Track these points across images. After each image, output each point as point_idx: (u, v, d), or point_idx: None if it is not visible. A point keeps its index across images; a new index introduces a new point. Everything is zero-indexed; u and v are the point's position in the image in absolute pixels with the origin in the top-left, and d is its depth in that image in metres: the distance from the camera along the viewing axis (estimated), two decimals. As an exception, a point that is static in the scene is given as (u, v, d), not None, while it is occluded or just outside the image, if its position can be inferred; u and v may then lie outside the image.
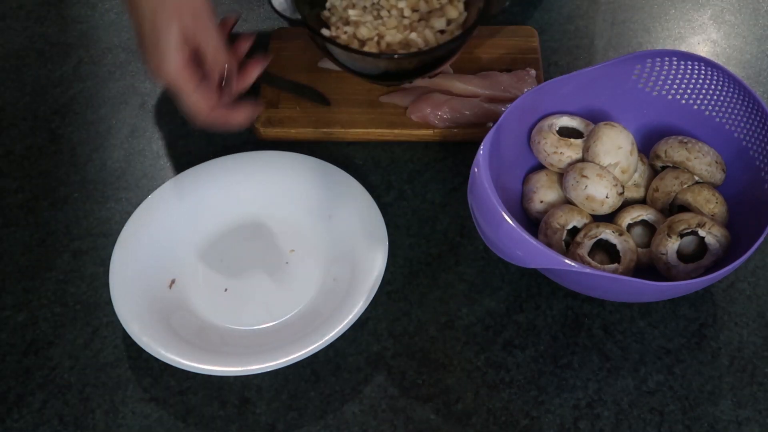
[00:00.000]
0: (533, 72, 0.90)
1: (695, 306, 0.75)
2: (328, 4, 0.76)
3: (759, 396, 0.70)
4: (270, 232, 0.81)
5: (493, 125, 0.73)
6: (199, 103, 0.72)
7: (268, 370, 0.68)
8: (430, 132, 0.87)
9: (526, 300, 0.76)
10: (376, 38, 0.72)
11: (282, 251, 0.79)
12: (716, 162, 0.76)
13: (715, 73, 0.77)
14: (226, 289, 0.77)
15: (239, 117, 0.75)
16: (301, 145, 0.87)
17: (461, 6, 0.74)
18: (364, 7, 0.75)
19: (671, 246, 0.72)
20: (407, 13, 0.74)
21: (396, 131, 0.87)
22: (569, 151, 0.78)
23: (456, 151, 0.87)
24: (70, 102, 0.94)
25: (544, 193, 0.78)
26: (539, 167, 0.81)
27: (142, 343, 0.70)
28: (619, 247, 0.73)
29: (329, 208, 0.80)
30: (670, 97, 0.81)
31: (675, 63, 0.79)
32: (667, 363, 0.72)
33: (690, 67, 0.78)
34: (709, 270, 0.72)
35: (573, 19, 1.01)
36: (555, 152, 0.78)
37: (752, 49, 0.98)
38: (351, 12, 0.74)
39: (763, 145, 0.75)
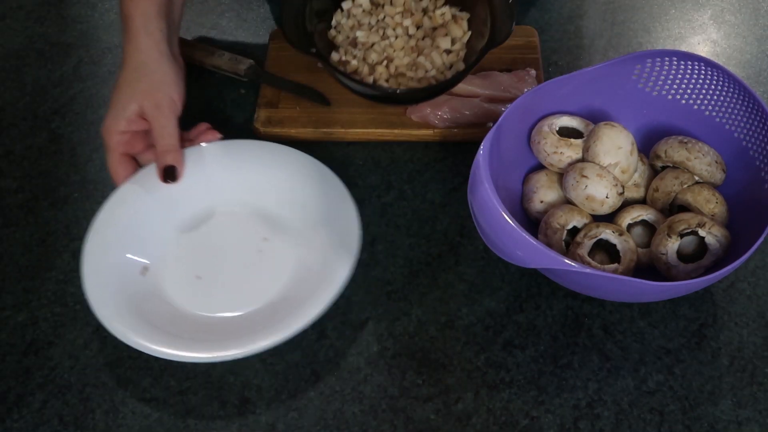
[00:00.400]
0: (533, 72, 0.90)
1: (695, 306, 0.75)
2: (333, 22, 0.76)
3: (759, 396, 0.70)
4: (244, 220, 0.81)
5: (493, 125, 0.73)
6: (114, 171, 0.80)
7: (237, 357, 0.69)
8: (430, 132, 0.87)
9: (526, 300, 0.76)
10: (385, 62, 0.72)
11: (255, 240, 0.80)
12: (716, 162, 0.76)
13: (715, 73, 0.77)
14: (198, 277, 0.77)
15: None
16: (301, 144, 0.87)
17: (465, 24, 0.74)
18: (370, 25, 0.75)
19: (671, 246, 0.72)
20: (412, 30, 0.74)
21: (396, 131, 0.87)
22: (569, 151, 0.78)
23: (456, 151, 0.87)
24: (70, 102, 0.94)
25: (544, 193, 0.78)
26: (539, 167, 0.81)
27: (113, 328, 0.70)
28: (619, 247, 0.73)
29: (303, 197, 0.81)
30: (670, 97, 0.81)
31: (675, 63, 0.79)
32: (667, 363, 0.72)
33: (690, 67, 0.78)
34: (709, 270, 0.72)
35: (573, 19, 1.01)
36: (555, 152, 0.78)
37: (752, 49, 0.98)
38: (359, 33, 0.73)
39: (763, 145, 0.75)
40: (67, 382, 0.72)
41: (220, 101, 0.94)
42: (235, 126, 0.92)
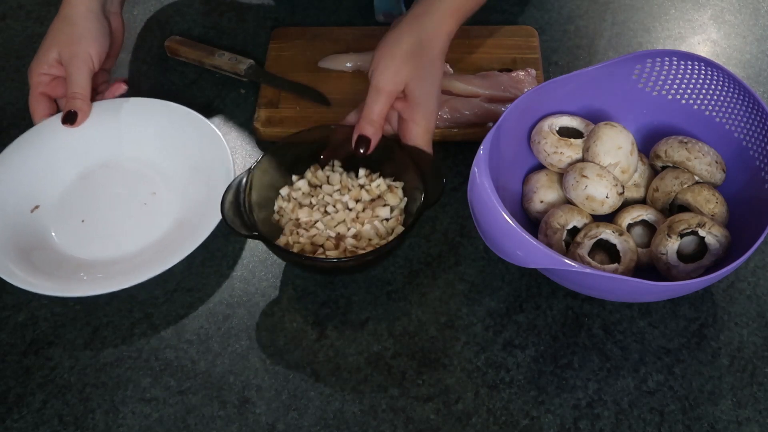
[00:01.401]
0: (533, 72, 0.90)
1: (695, 306, 0.75)
2: (276, 207, 0.79)
3: (759, 396, 0.70)
4: (139, 173, 0.86)
5: (493, 125, 0.73)
6: (32, 108, 0.86)
7: (92, 294, 0.74)
8: None
9: (526, 300, 0.76)
10: (329, 237, 0.76)
11: (144, 192, 0.85)
12: (716, 162, 0.76)
13: (715, 73, 0.77)
14: (83, 220, 0.83)
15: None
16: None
17: (400, 192, 0.79)
18: (311, 204, 0.79)
19: (671, 246, 0.72)
20: (351, 204, 0.79)
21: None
22: (569, 151, 0.78)
23: (456, 151, 0.87)
24: (70, 102, 0.94)
25: (544, 193, 0.78)
26: (539, 167, 0.81)
27: None
28: (619, 247, 0.73)
29: (196, 159, 0.84)
30: (670, 97, 0.81)
31: (675, 63, 0.79)
32: (667, 363, 0.72)
33: (690, 67, 0.78)
34: (709, 270, 0.72)
35: (573, 19, 1.01)
36: (555, 152, 0.78)
37: (752, 49, 0.98)
38: (301, 214, 0.78)
39: (763, 145, 0.75)
40: (67, 382, 0.72)
41: (220, 101, 0.94)
42: (235, 126, 0.92)
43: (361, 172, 0.81)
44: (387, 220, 0.77)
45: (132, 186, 0.85)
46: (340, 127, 0.80)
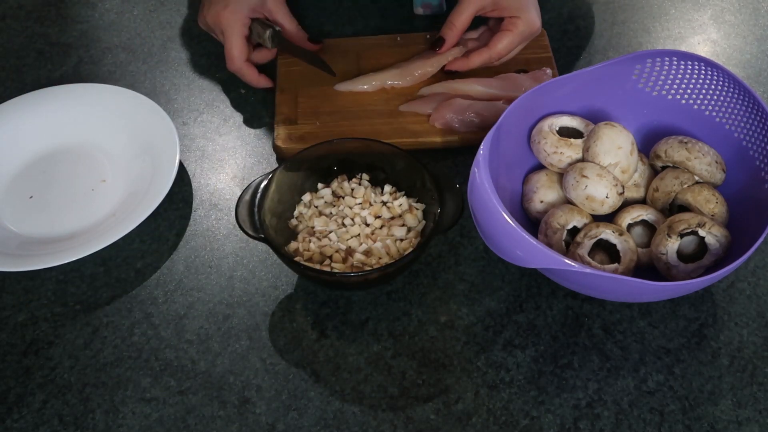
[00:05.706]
0: (549, 71, 0.91)
1: (695, 306, 0.75)
2: (296, 212, 0.79)
3: (759, 396, 0.70)
4: (93, 160, 0.88)
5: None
6: (239, 51, 0.89)
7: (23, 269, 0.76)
8: (455, 138, 0.86)
9: (526, 300, 0.76)
10: (340, 250, 0.76)
11: (94, 179, 0.87)
12: (716, 162, 0.76)
13: (715, 73, 0.77)
14: (31, 197, 0.85)
15: (258, 80, 0.92)
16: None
17: (420, 214, 0.79)
18: (330, 214, 0.79)
19: (671, 246, 0.72)
20: (370, 220, 0.79)
21: (420, 140, 0.86)
22: (569, 151, 0.78)
23: (456, 151, 0.87)
24: (70, 102, 0.94)
25: (544, 193, 0.78)
26: (539, 167, 0.81)
27: None
28: (619, 247, 0.73)
29: (147, 148, 0.86)
30: (670, 97, 0.81)
31: (675, 63, 0.79)
32: (667, 363, 0.72)
33: (690, 67, 0.78)
34: (709, 270, 0.72)
35: (573, 19, 1.01)
36: (555, 152, 0.78)
37: (752, 49, 0.98)
38: (317, 221, 0.78)
39: (763, 145, 0.75)
40: (67, 382, 0.72)
41: (220, 101, 0.94)
42: (235, 126, 0.92)
43: (387, 188, 0.80)
44: (401, 240, 0.77)
45: (84, 172, 0.87)
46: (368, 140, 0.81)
